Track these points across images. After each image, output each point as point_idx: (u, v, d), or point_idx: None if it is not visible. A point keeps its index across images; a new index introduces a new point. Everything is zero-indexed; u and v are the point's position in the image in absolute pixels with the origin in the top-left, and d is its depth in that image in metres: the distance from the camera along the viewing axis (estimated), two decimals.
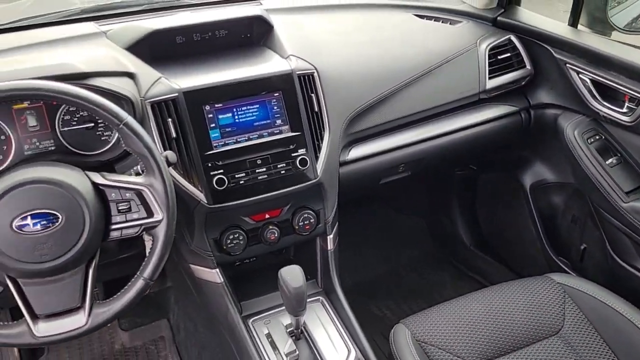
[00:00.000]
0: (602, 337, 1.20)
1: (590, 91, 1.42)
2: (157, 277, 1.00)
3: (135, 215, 0.98)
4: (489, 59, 1.52)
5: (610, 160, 1.42)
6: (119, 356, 1.75)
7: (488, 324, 1.22)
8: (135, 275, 0.99)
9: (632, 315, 1.21)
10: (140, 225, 0.98)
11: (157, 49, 1.29)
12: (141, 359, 1.74)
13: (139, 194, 0.98)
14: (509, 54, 1.55)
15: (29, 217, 0.90)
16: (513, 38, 1.56)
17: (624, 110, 1.36)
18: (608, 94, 1.40)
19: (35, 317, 0.94)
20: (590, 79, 1.42)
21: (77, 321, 0.95)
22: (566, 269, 1.66)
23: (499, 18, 1.62)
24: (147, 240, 1.23)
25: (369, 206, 2.16)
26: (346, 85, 1.35)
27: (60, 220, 0.91)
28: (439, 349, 1.18)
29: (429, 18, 1.63)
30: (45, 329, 0.93)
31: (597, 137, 1.45)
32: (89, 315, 0.96)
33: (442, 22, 1.63)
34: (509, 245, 1.92)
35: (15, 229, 0.89)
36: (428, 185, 2.15)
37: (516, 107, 1.59)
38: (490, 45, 1.53)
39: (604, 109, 1.40)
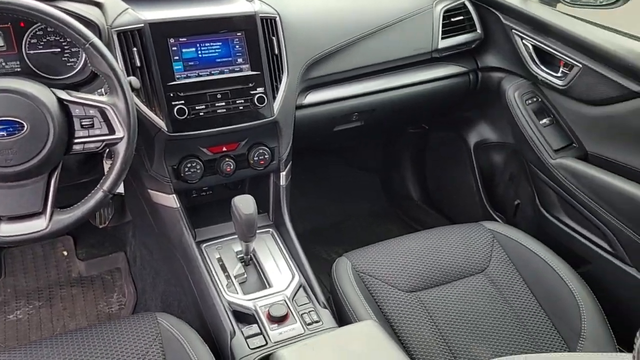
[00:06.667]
0: (522, 276, 1.34)
1: (531, 56, 1.54)
2: (115, 190, 1.07)
3: (97, 132, 1.05)
4: (442, 20, 1.61)
5: (543, 121, 1.54)
6: (75, 284, 1.82)
7: (422, 260, 1.34)
8: (96, 188, 1.06)
9: (549, 259, 1.35)
10: (102, 141, 1.05)
11: None
12: (97, 287, 1.82)
13: (102, 112, 1.05)
14: (461, 17, 1.65)
15: None
16: (467, 2, 1.66)
17: (559, 74, 1.48)
18: (546, 59, 1.52)
19: None
20: (532, 45, 1.53)
21: (38, 225, 1.02)
22: (501, 222, 1.80)
23: None
24: (107, 164, 1.30)
25: (325, 160, 2.26)
26: (306, 33, 1.43)
27: (25, 128, 0.97)
28: (376, 279, 1.29)
29: None
30: (7, 230, 1.00)
31: (535, 99, 1.57)
32: (50, 220, 1.02)
33: None
34: (452, 200, 2.06)
35: None
36: (383, 143, 2.26)
37: (465, 68, 1.70)
38: (445, 8, 1.62)
39: (542, 72, 1.52)
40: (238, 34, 1.30)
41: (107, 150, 1.11)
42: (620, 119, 1.35)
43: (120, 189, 1.14)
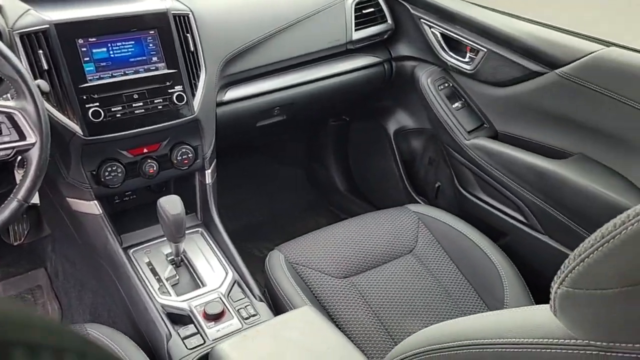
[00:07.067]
0: (447, 253, 1.40)
1: (440, 43, 1.62)
2: (31, 199, 1.02)
3: (6, 139, 1.00)
4: (355, 12, 1.66)
5: (456, 105, 1.62)
6: None
7: (352, 246, 1.37)
8: (9, 197, 1.00)
9: (471, 235, 1.42)
10: (13, 148, 1.00)
11: None
12: None
13: (10, 117, 0.99)
14: (372, 9, 1.70)
15: None
16: None
17: (467, 60, 1.57)
18: (454, 45, 1.60)
19: None
20: (440, 33, 1.61)
21: None
22: (425, 204, 1.87)
23: None
24: (19, 174, 1.23)
25: (251, 156, 2.26)
26: (221, 29, 1.42)
27: None
28: (308, 268, 1.31)
29: None
30: None
31: (446, 85, 1.65)
32: None
33: None
34: (377, 187, 2.11)
35: None
36: (306, 137, 2.29)
37: (380, 59, 1.75)
38: (356, 0, 1.67)
39: (451, 59, 1.60)
40: (151, 32, 1.27)
41: (19, 158, 1.06)
42: (523, 98, 1.45)
43: (36, 199, 1.09)
